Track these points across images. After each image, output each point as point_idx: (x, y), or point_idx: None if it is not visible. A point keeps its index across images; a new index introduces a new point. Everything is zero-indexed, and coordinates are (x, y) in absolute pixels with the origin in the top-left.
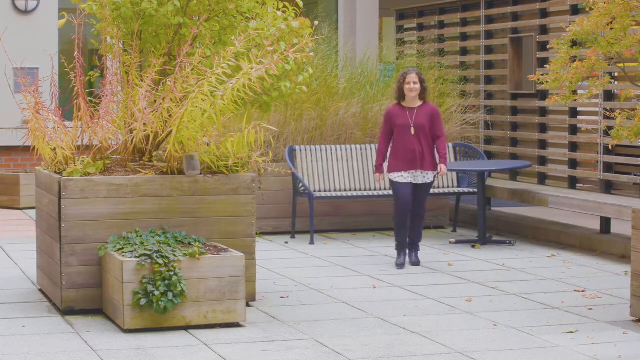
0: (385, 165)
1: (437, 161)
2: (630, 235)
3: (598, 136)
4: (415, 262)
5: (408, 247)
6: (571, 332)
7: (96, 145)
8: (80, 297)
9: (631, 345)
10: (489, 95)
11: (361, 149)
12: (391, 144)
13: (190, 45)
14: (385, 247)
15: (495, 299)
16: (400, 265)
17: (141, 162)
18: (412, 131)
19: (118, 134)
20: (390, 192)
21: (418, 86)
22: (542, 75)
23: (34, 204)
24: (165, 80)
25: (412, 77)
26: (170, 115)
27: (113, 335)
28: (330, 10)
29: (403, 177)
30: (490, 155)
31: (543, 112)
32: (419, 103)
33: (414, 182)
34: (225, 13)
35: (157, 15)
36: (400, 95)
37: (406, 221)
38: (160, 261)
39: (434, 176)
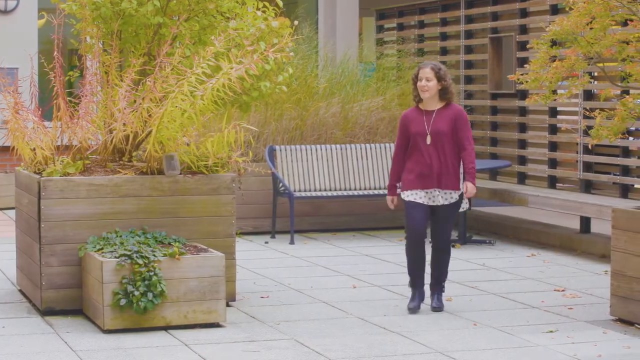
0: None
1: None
2: (610, 235)
3: (578, 136)
4: (438, 307)
5: (430, 287)
6: (551, 331)
7: (76, 146)
8: (60, 298)
9: (611, 345)
10: (469, 95)
11: (341, 149)
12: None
13: (170, 45)
14: (366, 247)
15: (475, 298)
16: (413, 310)
17: (121, 162)
18: (428, 140)
19: (98, 134)
20: (371, 192)
21: (433, 84)
22: (522, 75)
23: (14, 204)
24: (145, 80)
25: (426, 73)
26: (150, 115)
27: (93, 335)
28: (311, 10)
29: (417, 196)
30: None
31: (523, 111)
32: (439, 105)
33: (431, 204)
34: (205, 13)
35: (137, 15)
36: (417, 96)
37: (421, 253)
38: (140, 261)
39: (462, 195)
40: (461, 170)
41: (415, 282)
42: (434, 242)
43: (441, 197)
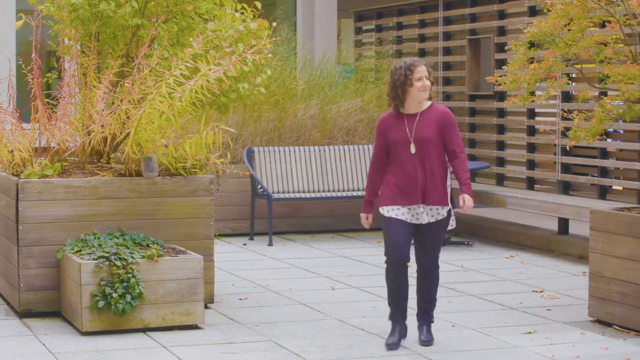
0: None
1: (454, 190)
2: (588, 236)
3: (556, 137)
4: (427, 341)
5: (417, 317)
6: (529, 332)
7: (54, 147)
8: (38, 300)
9: (589, 346)
10: (447, 97)
11: (320, 150)
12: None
13: (148, 46)
14: (344, 248)
15: (453, 299)
16: (391, 346)
17: (99, 164)
18: (412, 148)
19: (76, 136)
20: (350, 194)
21: (429, 83)
22: (500, 76)
23: None
24: (123, 81)
25: (424, 70)
26: (128, 117)
27: (71, 337)
28: (289, 11)
29: (400, 212)
30: None
31: (501, 113)
32: (422, 107)
33: (415, 222)
34: (183, 14)
35: (115, 16)
36: (400, 100)
37: (404, 279)
38: (119, 263)
39: (450, 212)
40: (448, 182)
41: (397, 314)
42: (419, 267)
43: (426, 215)
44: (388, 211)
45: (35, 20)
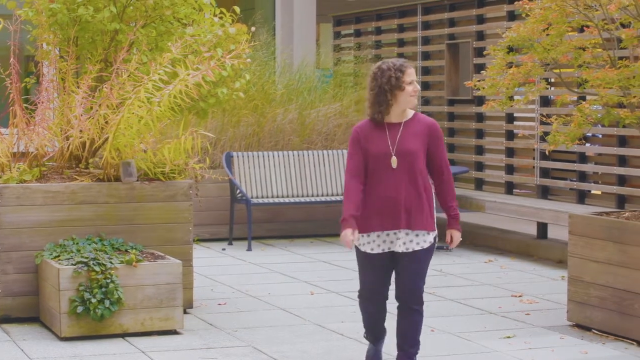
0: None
1: (439, 214)
2: (567, 240)
3: (535, 142)
4: None
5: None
6: (509, 337)
7: (32, 152)
8: (16, 305)
9: (568, 350)
10: (426, 102)
11: (299, 155)
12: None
13: (127, 51)
14: (323, 253)
15: (432, 304)
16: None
17: (78, 169)
18: (394, 163)
19: (54, 141)
20: (329, 198)
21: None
22: (479, 81)
23: None
24: (102, 86)
25: (413, 73)
26: (106, 122)
27: (50, 343)
28: (268, 16)
29: (374, 243)
30: None
31: (480, 118)
32: (406, 116)
33: (396, 250)
34: (161, 19)
35: (94, 21)
36: (386, 106)
37: (380, 319)
38: (97, 268)
39: (435, 239)
40: (433, 203)
41: (374, 337)
42: (401, 301)
43: (410, 241)
44: (362, 244)
45: (13, 24)
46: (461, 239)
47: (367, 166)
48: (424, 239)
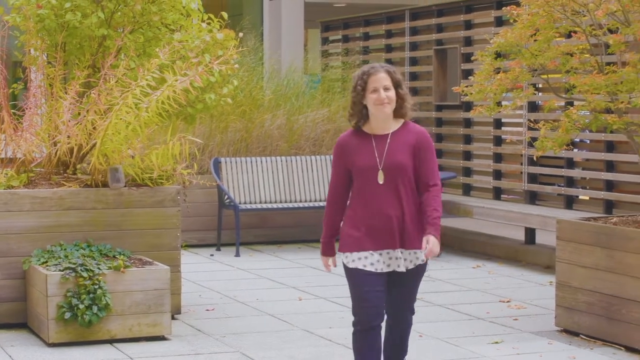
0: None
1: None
2: (554, 246)
3: (522, 147)
4: None
5: None
6: (497, 342)
7: (20, 158)
8: (4, 311)
9: (556, 355)
10: (414, 107)
11: (287, 161)
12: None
13: (115, 57)
14: (311, 259)
15: (421, 310)
16: None
17: (65, 174)
18: (381, 178)
19: (42, 147)
20: (316, 204)
21: (393, 94)
22: (467, 86)
23: None
24: (90, 92)
25: (381, 79)
26: (94, 128)
27: (38, 349)
28: (256, 22)
29: (368, 261)
30: None
31: (468, 123)
32: (393, 126)
33: (387, 270)
34: (149, 25)
35: (81, 27)
36: (360, 115)
37: (377, 346)
38: (85, 274)
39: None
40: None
41: None
42: (393, 318)
43: (404, 260)
44: (354, 261)
45: (1, 30)
46: (439, 252)
47: (354, 180)
48: (417, 257)
